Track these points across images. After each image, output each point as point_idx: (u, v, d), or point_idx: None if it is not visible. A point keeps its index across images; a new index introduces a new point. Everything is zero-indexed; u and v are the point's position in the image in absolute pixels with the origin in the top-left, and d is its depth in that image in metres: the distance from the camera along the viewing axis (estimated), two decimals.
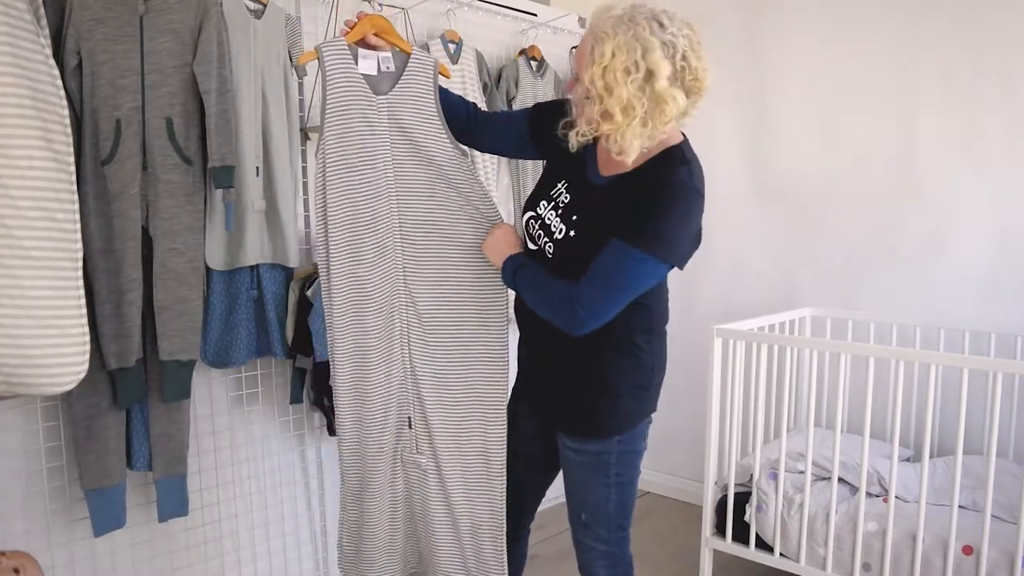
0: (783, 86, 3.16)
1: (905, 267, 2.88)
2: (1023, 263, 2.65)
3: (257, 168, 2.28)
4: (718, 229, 3.32)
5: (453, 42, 2.82)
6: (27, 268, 1.57)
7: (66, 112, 1.66)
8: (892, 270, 2.92)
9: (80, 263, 1.67)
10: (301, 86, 2.49)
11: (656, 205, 1.44)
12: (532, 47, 3.12)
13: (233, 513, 2.48)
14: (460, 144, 1.74)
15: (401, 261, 1.75)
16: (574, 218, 1.55)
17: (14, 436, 2.03)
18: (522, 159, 2.59)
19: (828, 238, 3.07)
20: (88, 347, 1.68)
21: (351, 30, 1.67)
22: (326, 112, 1.67)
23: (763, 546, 2.52)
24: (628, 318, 1.55)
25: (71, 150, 1.66)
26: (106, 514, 2.06)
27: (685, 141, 1.60)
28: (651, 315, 1.62)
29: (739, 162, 3.27)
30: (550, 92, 3.14)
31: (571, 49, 3.34)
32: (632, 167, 1.52)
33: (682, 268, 1.53)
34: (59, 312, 1.62)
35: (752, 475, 2.55)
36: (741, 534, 2.56)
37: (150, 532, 2.29)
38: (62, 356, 1.62)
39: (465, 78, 2.81)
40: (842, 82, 2.99)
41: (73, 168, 1.66)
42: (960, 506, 2.24)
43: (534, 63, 3.11)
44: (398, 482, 1.85)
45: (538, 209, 1.63)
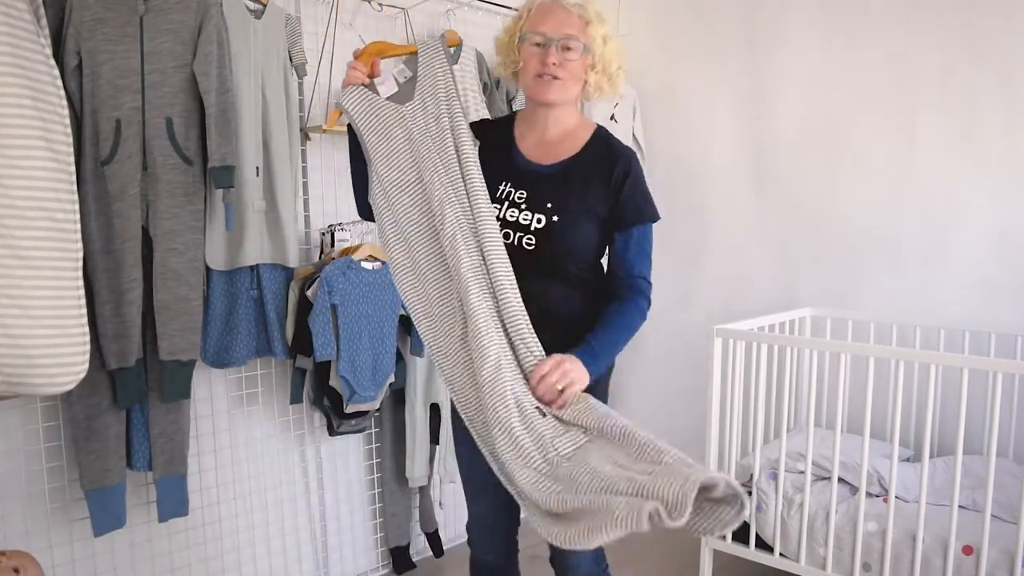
0: (783, 86, 3.16)
1: (905, 267, 2.88)
2: (1023, 263, 2.65)
3: (257, 168, 2.28)
4: (718, 229, 3.32)
5: (453, 44, 2.82)
6: (27, 268, 1.57)
7: (66, 112, 1.66)
8: (892, 270, 2.92)
9: (80, 263, 1.67)
10: (301, 86, 2.49)
11: (636, 178, 1.61)
12: None
13: (233, 513, 2.48)
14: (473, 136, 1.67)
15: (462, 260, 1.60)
16: (548, 206, 1.59)
17: (14, 436, 2.03)
18: None
19: (828, 238, 3.07)
20: (88, 347, 1.68)
21: (359, 70, 1.63)
22: (370, 149, 1.62)
23: (763, 546, 2.51)
24: (597, 293, 1.65)
25: (71, 150, 1.66)
26: (106, 514, 2.06)
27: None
28: (592, 284, 1.69)
29: (739, 162, 3.27)
30: None
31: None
32: (576, 151, 1.64)
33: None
34: (59, 312, 1.62)
35: (752, 475, 2.55)
36: (741, 534, 2.55)
37: (150, 532, 2.29)
38: (62, 356, 1.62)
39: (465, 78, 2.81)
40: (842, 82, 2.99)
41: (73, 168, 1.66)
42: (960, 506, 2.24)
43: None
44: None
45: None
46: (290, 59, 2.36)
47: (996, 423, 2.05)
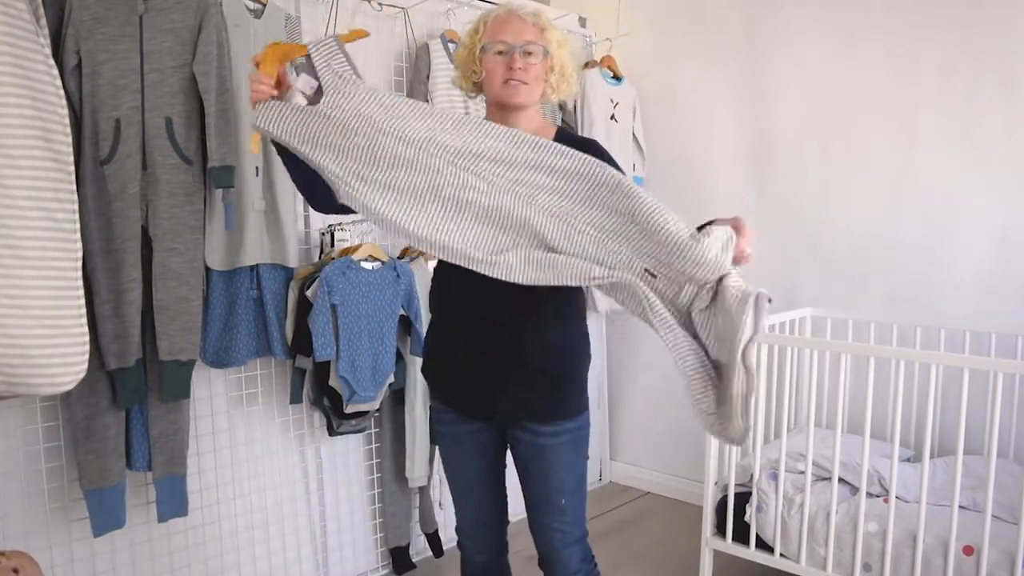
0: (783, 86, 3.16)
1: (905, 267, 2.88)
2: (1023, 263, 2.64)
3: (257, 168, 2.28)
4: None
5: (453, 42, 2.82)
6: (27, 268, 1.57)
7: (66, 112, 1.66)
8: (892, 270, 2.91)
9: (80, 263, 1.67)
10: None
11: (608, 160, 1.63)
12: None
13: (233, 513, 2.47)
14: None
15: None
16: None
17: (13, 436, 2.02)
18: None
19: (828, 238, 3.07)
20: (88, 347, 1.68)
21: (264, 84, 1.51)
22: (319, 158, 1.51)
23: (763, 546, 2.51)
24: (579, 298, 1.74)
25: (71, 150, 1.66)
26: (105, 514, 2.06)
27: None
28: (582, 288, 1.71)
29: (739, 162, 3.27)
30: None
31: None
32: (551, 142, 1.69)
33: None
34: (59, 312, 1.62)
35: (752, 475, 2.55)
36: (741, 534, 2.55)
37: (149, 532, 2.29)
38: (62, 356, 1.62)
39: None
40: (842, 82, 2.99)
41: (73, 168, 1.66)
42: (960, 506, 2.24)
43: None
44: None
45: None
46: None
47: (996, 423, 2.05)
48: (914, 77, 2.82)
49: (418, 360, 2.67)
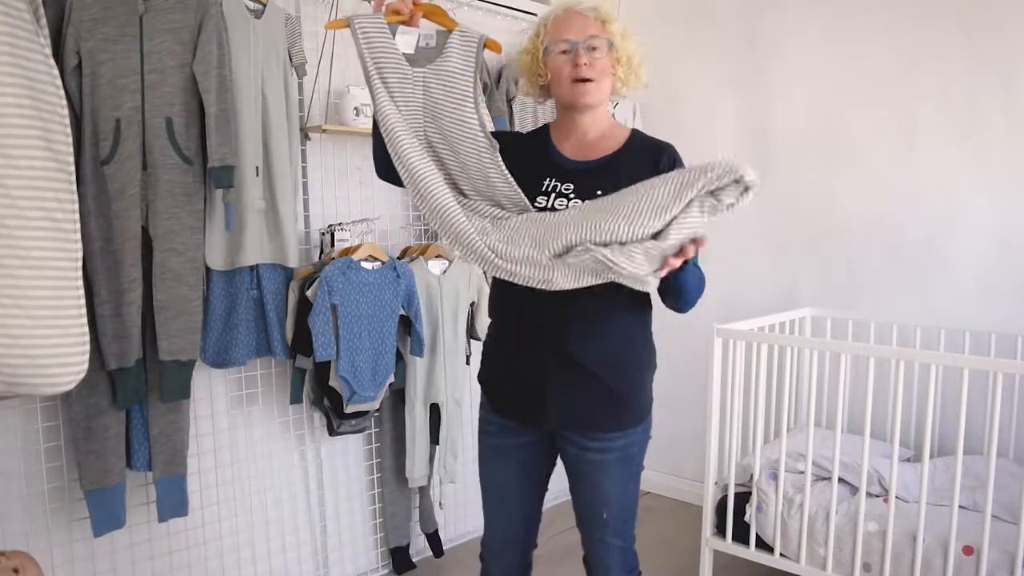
0: (783, 86, 3.16)
1: (905, 267, 2.88)
2: (1023, 263, 2.65)
3: (257, 168, 2.28)
4: (718, 229, 3.31)
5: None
6: (27, 268, 1.57)
7: (66, 112, 1.66)
8: (892, 270, 2.92)
9: (80, 263, 1.67)
10: (301, 86, 2.49)
11: (682, 165, 1.63)
12: None
13: (233, 513, 2.48)
14: (491, 136, 1.61)
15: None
16: (599, 192, 1.56)
17: (14, 436, 2.03)
18: None
19: (828, 238, 3.07)
20: (88, 347, 1.67)
21: (406, 6, 1.59)
22: (370, 80, 1.56)
23: (763, 546, 2.51)
24: (642, 302, 1.65)
25: (71, 150, 1.66)
26: (106, 514, 2.06)
27: None
28: (650, 296, 1.65)
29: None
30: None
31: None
32: (619, 146, 1.67)
33: None
34: (59, 312, 1.62)
35: (752, 475, 2.55)
36: (741, 534, 2.55)
37: (150, 532, 2.29)
38: (62, 356, 1.62)
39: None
40: (842, 82, 2.99)
41: (73, 168, 1.66)
42: (960, 506, 2.24)
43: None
44: None
45: (538, 203, 1.61)
46: (290, 59, 2.36)
47: (996, 423, 2.05)
48: (914, 77, 2.82)
49: (418, 360, 2.67)
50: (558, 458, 1.76)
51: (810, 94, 3.09)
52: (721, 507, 2.62)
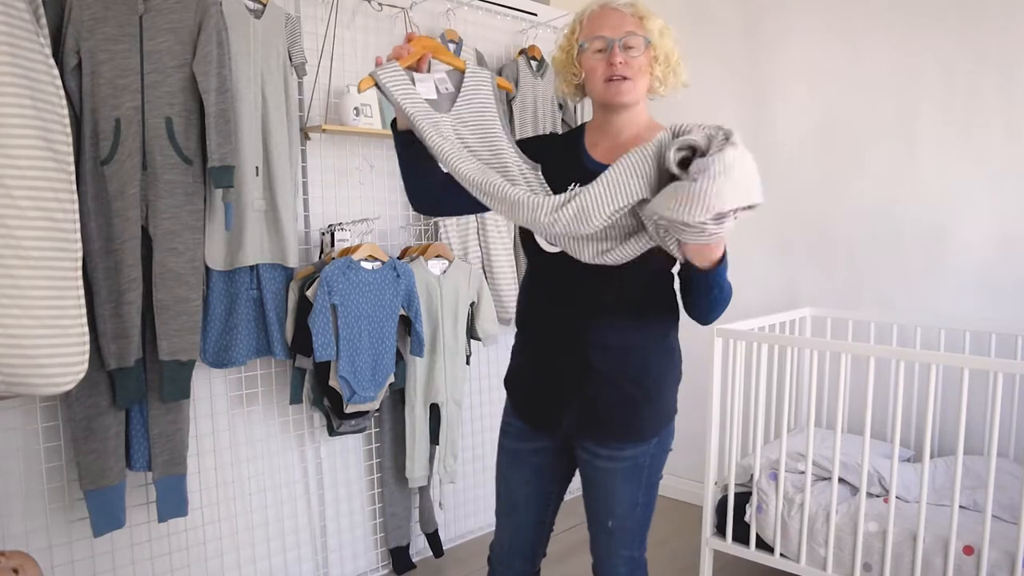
0: (783, 85, 3.16)
1: (906, 267, 2.88)
2: (1023, 263, 2.65)
3: (257, 168, 2.27)
4: None
5: (453, 42, 2.82)
6: (27, 268, 1.57)
7: (66, 112, 1.66)
8: (892, 270, 2.92)
9: (80, 263, 1.67)
10: (301, 86, 2.49)
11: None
12: (532, 47, 3.12)
13: (233, 513, 2.48)
14: (528, 160, 1.58)
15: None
16: None
17: (14, 436, 2.02)
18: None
19: (829, 238, 3.07)
20: (88, 347, 1.68)
21: (407, 55, 1.57)
22: (411, 116, 1.52)
23: (763, 546, 2.51)
24: (667, 310, 1.59)
25: (71, 150, 1.66)
26: (105, 514, 2.06)
27: None
28: (678, 307, 1.61)
29: None
30: (550, 91, 3.14)
31: None
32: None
33: None
34: (59, 312, 1.62)
35: (752, 475, 2.55)
36: (741, 534, 2.55)
37: (149, 532, 2.29)
38: (62, 356, 1.62)
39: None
40: (842, 81, 2.99)
41: (73, 168, 1.66)
42: (961, 506, 2.24)
43: (534, 63, 3.11)
44: None
45: None
46: (290, 59, 2.36)
47: (997, 423, 2.05)
48: (914, 77, 2.82)
49: (418, 360, 2.67)
50: (576, 471, 1.74)
51: (810, 94, 3.09)
52: (721, 507, 2.62)
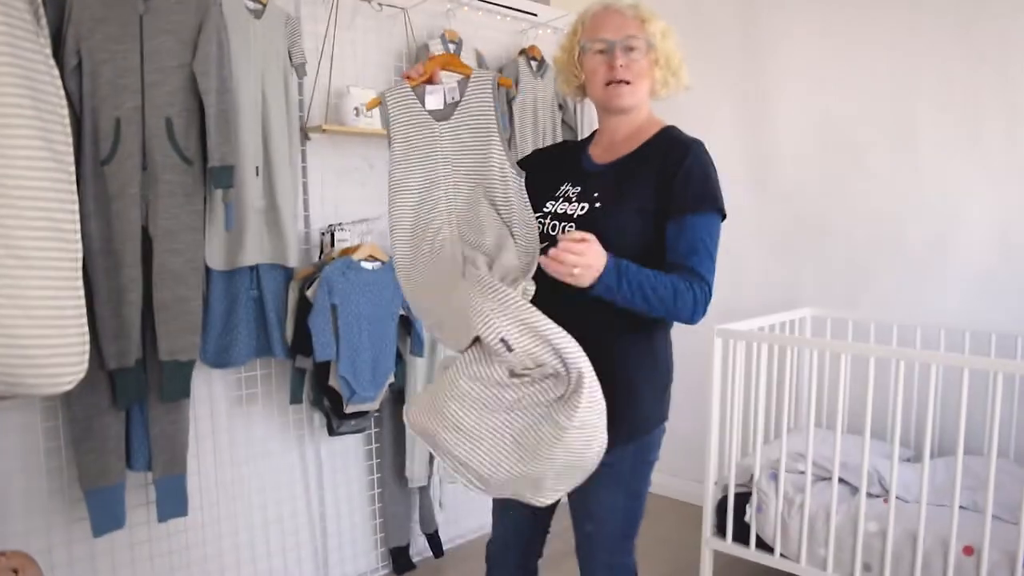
0: (783, 86, 3.16)
1: (906, 267, 2.88)
2: (1023, 263, 2.65)
3: (257, 168, 2.28)
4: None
5: (453, 42, 2.82)
6: (27, 268, 1.57)
7: (66, 112, 1.66)
8: (892, 270, 2.92)
9: (80, 263, 1.67)
10: (301, 86, 2.49)
11: (692, 166, 1.53)
12: (532, 47, 3.12)
13: (233, 513, 2.48)
14: (515, 167, 1.59)
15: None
16: (595, 195, 1.55)
17: (14, 436, 2.02)
18: None
19: (828, 238, 3.07)
20: (87, 347, 1.67)
21: (420, 75, 1.61)
22: (393, 151, 1.61)
23: (763, 546, 2.51)
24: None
25: (71, 150, 1.66)
26: (105, 514, 2.06)
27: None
28: None
29: (739, 162, 3.27)
30: (550, 91, 3.14)
31: None
32: (638, 146, 1.60)
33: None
34: (59, 312, 1.61)
35: (752, 475, 2.55)
36: (741, 534, 2.55)
37: (149, 532, 2.29)
38: (62, 356, 1.62)
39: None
40: (842, 82, 2.99)
41: (73, 168, 1.66)
42: (961, 506, 2.24)
43: (534, 63, 3.11)
44: None
45: (546, 208, 1.61)
46: (290, 59, 2.36)
47: (997, 423, 2.05)
48: (914, 77, 2.82)
49: (418, 360, 2.67)
50: None
51: (810, 94, 3.09)
52: (721, 507, 2.62)
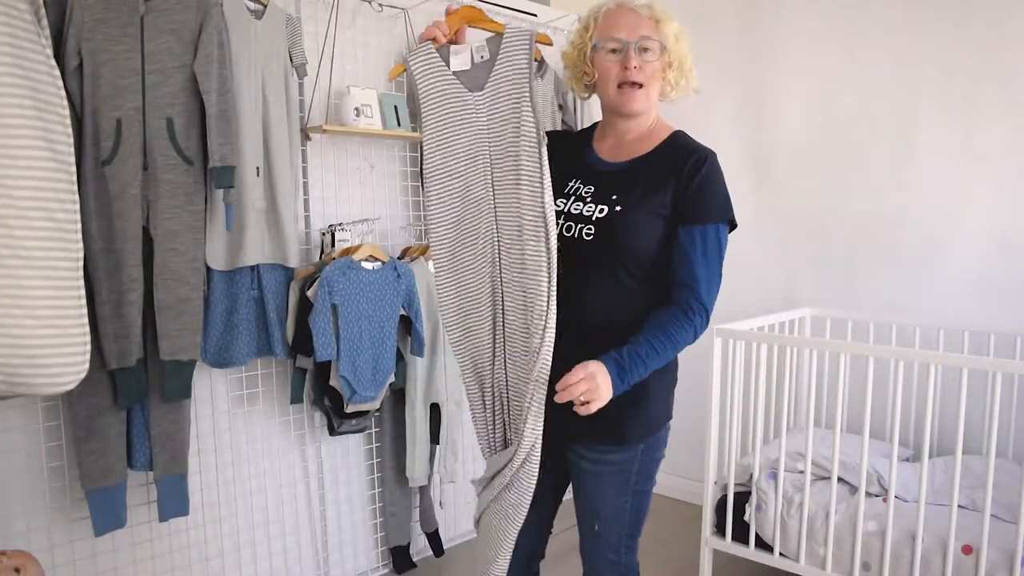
0: (783, 85, 3.16)
1: (905, 267, 2.89)
2: (1023, 263, 2.65)
3: (257, 168, 2.28)
4: None
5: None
6: (28, 268, 1.57)
7: (67, 112, 1.66)
8: (892, 270, 2.92)
9: (80, 263, 1.67)
10: (301, 86, 2.49)
11: (706, 176, 1.53)
12: None
13: (233, 513, 2.48)
14: (543, 134, 1.56)
15: (499, 268, 1.59)
16: (613, 197, 1.54)
17: (15, 436, 2.03)
18: None
19: (828, 238, 3.07)
20: (88, 347, 1.68)
21: (440, 30, 1.56)
22: (423, 123, 1.55)
23: (763, 546, 2.52)
24: (657, 303, 1.57)
25: (72, 150, 1.66)
26: (106, 514, 2.06)
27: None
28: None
29: (739, 161, 3.27)
30: (550, 91, 3.14)
31: None
32: (650, 149, 1.59)
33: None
34: (60, 312, 1.62)
35: (752, 475, 2.55)
36: (741, 534, 2.56)
37: (150, 532, 2.29)
38: (62, 356, 1.62)
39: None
40: (842, 82, 3.00)
41: (74, 168, 1.66)
42: (959, 506, 2.24)
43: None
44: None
45: (557, 205, 1.59)
46: (290, 59, 2.36)
47: (996, 423, 2.05)
48: (914, 77, 2.83)
49: (418, 360, 2.68)
50: None
51: (810, 94, 3.09)
52: (721, 506, 2.62)
